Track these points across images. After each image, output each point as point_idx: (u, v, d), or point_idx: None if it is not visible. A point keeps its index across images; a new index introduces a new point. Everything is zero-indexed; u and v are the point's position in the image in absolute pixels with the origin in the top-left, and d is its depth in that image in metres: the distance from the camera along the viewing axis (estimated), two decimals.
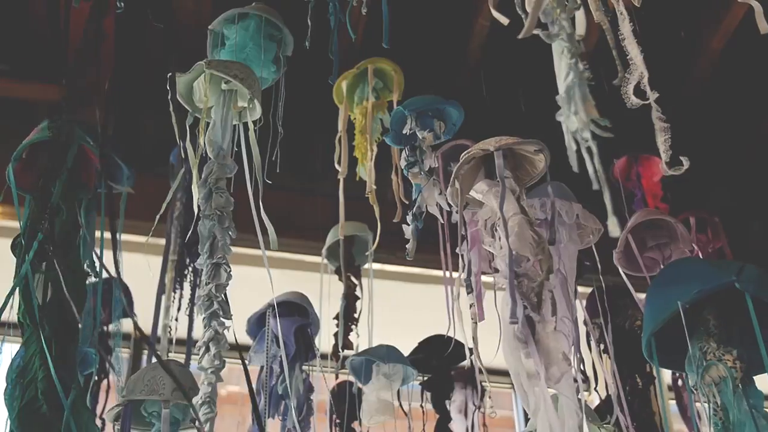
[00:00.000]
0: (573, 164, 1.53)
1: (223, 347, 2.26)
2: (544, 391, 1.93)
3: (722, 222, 4.04)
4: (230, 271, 2.36)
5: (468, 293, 2.19)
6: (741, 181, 5.17)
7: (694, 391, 2.11)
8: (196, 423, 2.20)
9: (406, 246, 2.71)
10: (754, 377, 2.09)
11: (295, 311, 3.41)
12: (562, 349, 1.99)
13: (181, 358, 3.45)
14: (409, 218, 2.78)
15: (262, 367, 3.23)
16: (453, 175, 2.32)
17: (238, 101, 2.62)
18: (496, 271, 2.11)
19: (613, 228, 1.51)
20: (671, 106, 1.96)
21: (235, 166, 2.50)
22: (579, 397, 2.16)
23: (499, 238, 2.12)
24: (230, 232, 2.40)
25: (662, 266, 3.07)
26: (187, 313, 3.69)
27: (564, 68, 1.65)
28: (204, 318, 2.28)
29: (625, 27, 1.94)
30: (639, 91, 1.98)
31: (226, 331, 2.29)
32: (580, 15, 1.93)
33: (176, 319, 3.64)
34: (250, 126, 2.59)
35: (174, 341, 3.62)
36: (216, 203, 2.40)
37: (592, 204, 2.27)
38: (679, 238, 3.11)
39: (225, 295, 2.33)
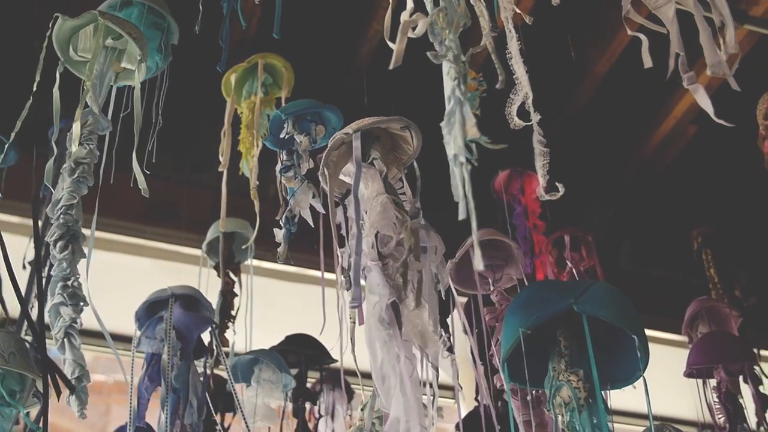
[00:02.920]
0: (455, 190, 1.54)
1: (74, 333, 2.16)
2: (403, 373, 1.94)
3: (595, 241, 4.14)
4: (73, 238, 2.23)
5: (353, 305, 2.17)
6: (614, 201, 5.33)
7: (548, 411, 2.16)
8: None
9: (278, 249, 2.69)
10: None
11: (190, 305, 3.28)
12: (431, 326, 2.02)
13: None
14: (281, 221, 2.76)
15: (153, 356, 3.08)
16: (322, 163, 2.34)
17: (120, 61, 2.54)
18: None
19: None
20: (554, 125, 2.00)
21: (109, 124, 2.41)
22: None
23: (363, 220, 2.15)
24: (84, 183, 2.29)
25: (491, 287, 3.09)
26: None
27: (448, 90, 1.66)
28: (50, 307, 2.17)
29: (513, 46, 1.96)
30: (524, 110, 2.01)
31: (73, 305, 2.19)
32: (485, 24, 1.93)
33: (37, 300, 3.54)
34: (137, 86, 2.51)
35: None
36: (76, 155, 2.29)
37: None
38: (516, 263, 3.12)
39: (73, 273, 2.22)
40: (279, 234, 2.72)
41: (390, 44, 2.02)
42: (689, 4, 2.03)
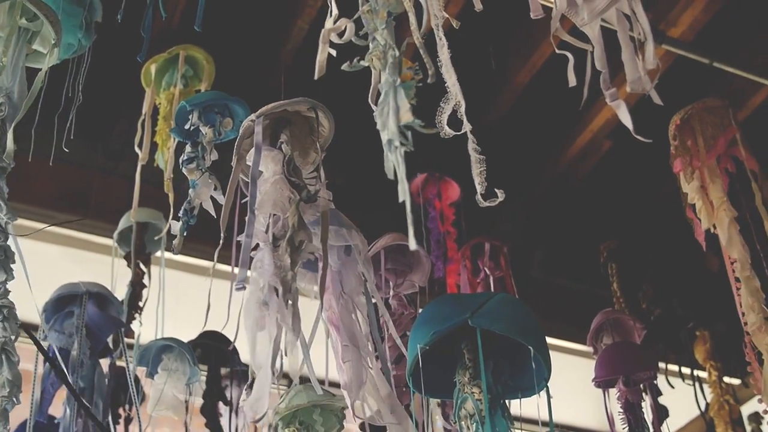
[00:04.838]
0: (389, 173, 1.55)
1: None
2: (273, 353, 1.96)
3: (508, 248, 4.18)
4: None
5: (238, 287, 2.14)
6: (528, 210, 5.38)
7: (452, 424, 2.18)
8: None
9: (173, 242, 2.64)
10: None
11: (100, 303, 3.18)
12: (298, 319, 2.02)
13: None
14: (180, 213, 2.71)
15: (60, 350, 2.98)
16: (235, 152, 2.34)
17: (32, 43, 2.46)
18: None
19: (412, 244, 1.53)
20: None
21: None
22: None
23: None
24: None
25: (392, 291, 3.10)
26: None
27: (381, 81, 1.66)
28: None
29: (444, 54, 1.96)
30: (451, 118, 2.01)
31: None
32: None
33: None
34: (44, 70, 2.43)
35: None
36: None
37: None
38: (421, 270, 3.13)
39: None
40: (175, 226, 2.66)
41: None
42: (614, 21, 2.07)
